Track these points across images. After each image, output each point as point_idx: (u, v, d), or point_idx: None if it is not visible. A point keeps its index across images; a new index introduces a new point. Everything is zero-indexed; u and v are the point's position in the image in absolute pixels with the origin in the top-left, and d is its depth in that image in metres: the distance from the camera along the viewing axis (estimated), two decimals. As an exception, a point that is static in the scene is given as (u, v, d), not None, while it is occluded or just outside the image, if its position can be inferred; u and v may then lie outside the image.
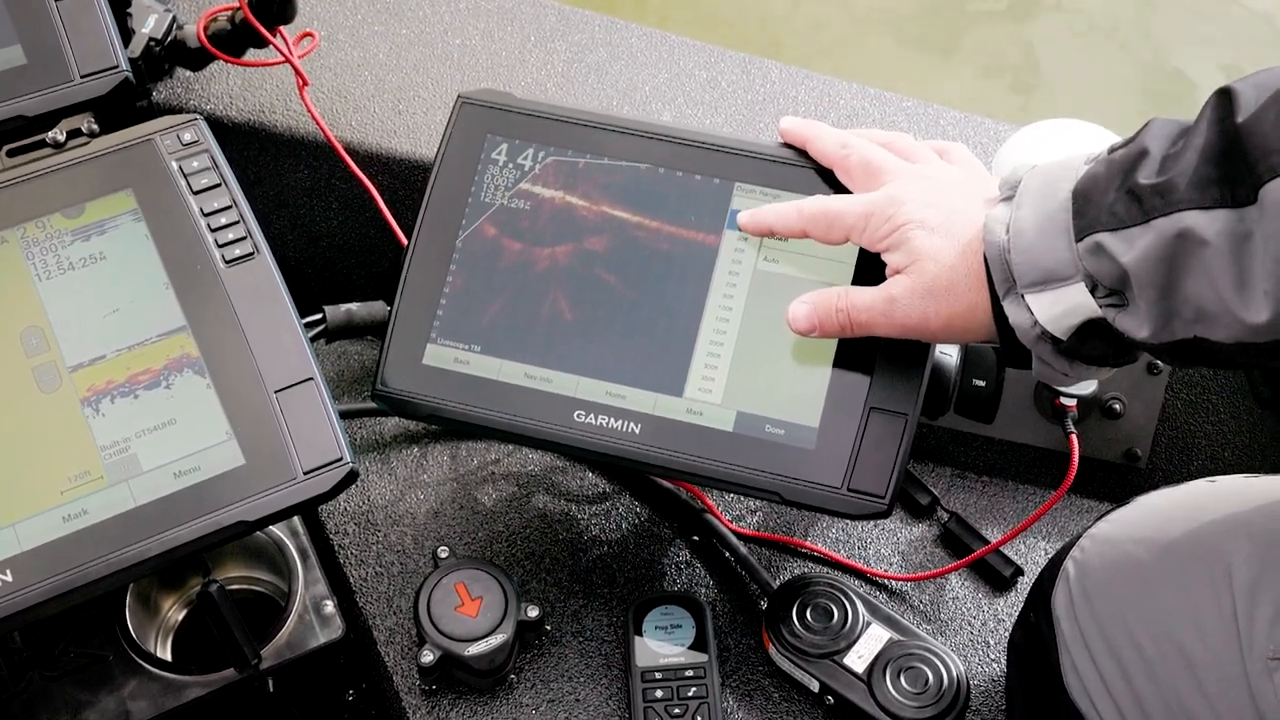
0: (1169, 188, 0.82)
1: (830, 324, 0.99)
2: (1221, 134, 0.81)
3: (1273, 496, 0.96)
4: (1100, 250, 0.85)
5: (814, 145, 1.06)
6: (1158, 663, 0.93)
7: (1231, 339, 0.82)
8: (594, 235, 1.08)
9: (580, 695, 1.11)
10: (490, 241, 1.08)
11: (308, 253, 1.41)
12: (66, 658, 1.10)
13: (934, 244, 0.95)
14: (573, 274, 1.07)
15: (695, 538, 1.20)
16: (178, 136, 1.04)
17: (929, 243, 0.95)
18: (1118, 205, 0.85)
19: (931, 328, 0.95)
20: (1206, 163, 0.81)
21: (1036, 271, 0.89)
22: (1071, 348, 0.91)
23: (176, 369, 0.97)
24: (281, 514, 0.95)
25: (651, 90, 1.42)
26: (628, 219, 1.08)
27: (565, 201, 1.09)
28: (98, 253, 0.99)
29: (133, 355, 0.97)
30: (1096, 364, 0.93)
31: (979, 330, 0.94)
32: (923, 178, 0.99)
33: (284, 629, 1.13)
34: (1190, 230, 0.81)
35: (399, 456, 1.25)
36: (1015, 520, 1.25)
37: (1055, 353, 0.91)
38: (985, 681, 1.14)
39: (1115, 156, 0.87)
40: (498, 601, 1.09)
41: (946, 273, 0.94)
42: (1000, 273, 0.91)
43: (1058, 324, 0.90)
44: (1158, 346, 0.86)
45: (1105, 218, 0.85)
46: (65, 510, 0.93)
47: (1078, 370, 0.93)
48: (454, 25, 1.45)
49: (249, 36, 1.29)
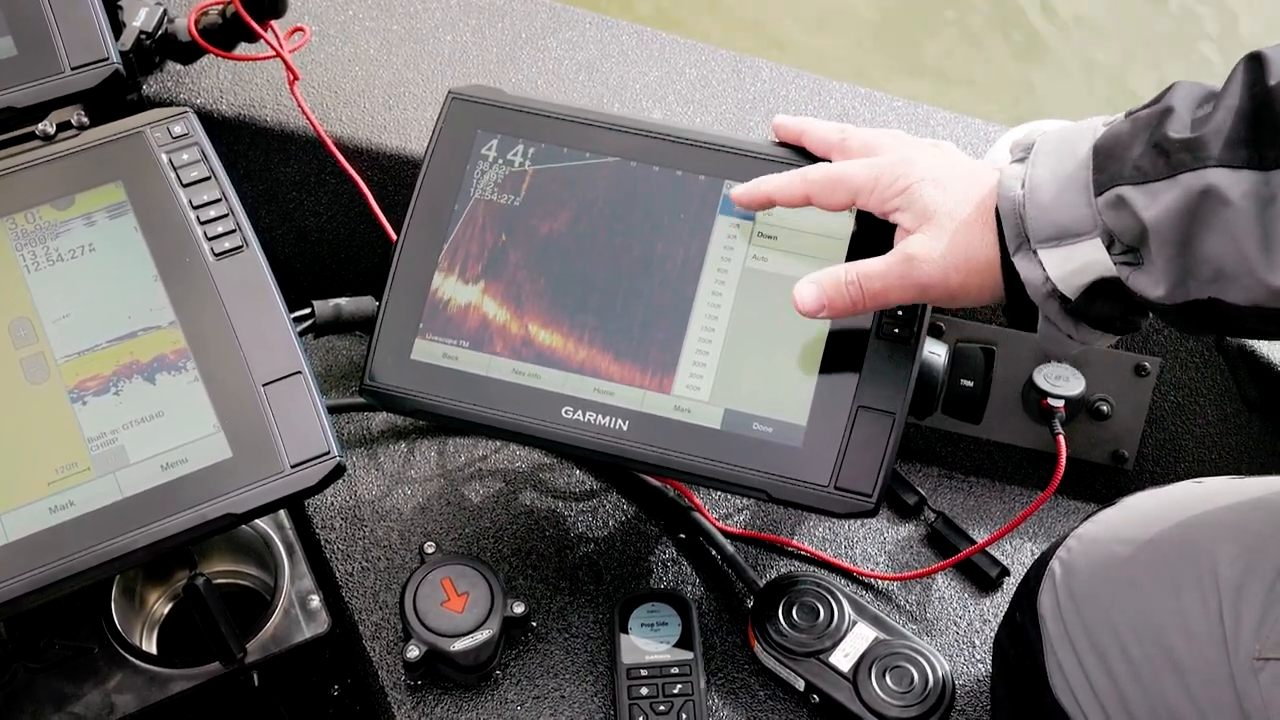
0: (1199, 144, 0.82)
1: (841, 299, 0.97)
2: (1253, 97, 0.81)
3: (1259, 498, 0.96)
4: (1121, 203, 0.85)
5: (809, 135, 1.05)
6: (1143, 663, 0.93)
7: (1249, 301, 0.82)
8: (583, 232, 1.08)
9: (566, 692, 1.11)
10: (479, 237, 1.08)
11: (297, 247, 1.41)
12: (52, 650, 1.10)
13: (948, 200, 0.94)
14: (561, 270, 1.07)
15: (682, 535, 1.21)
16: (168, 129, 1.03)
17: (942, 198, 0.94)
18: (1143, 159, 0.85)
19: (950, 286, 0.94)
20: (1240, 122, 0.81)
21: (1051, 227, 0.88)
22: (1080, 307, 0.90)
23: (165, 361, 0.97)
24: (268, 507, 0.95)
25: (642, 88, 1.42)
26: (617, 216, 1.08)
27: (554, 198, 1.09)
28: (87, 244, 0.99)
29: (121, 347, 0.97)
30: (1103, 328, 0.92)
31: (990, 288, 0.94)
32: (927, 148, 0.99)
33: (270, 623, 1.13)
34: (1215, 188, 0.81)
35: (386, 452, 1.25)
36: (1002, 520, 1.26)
37: (1063, 312, 0.91)
38: (970, 681, 1.14)
39: (1140, 115, 0.87)
40: (484, 597, 1.09)
41: (963, 228, 0.93)
42: (1013, 228, 0.90)
43: (1069, 281, 0.89)
44: (1169, 307, 0.86)
45: (1129, 171, 0.85)
46: (52, 501, 0.93)
47: (1083, 333, 0.92)
48: (445, 21, 1.45)
49: (240, 30, 1.29)
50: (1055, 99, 2.65)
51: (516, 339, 1.06)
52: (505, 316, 1.07)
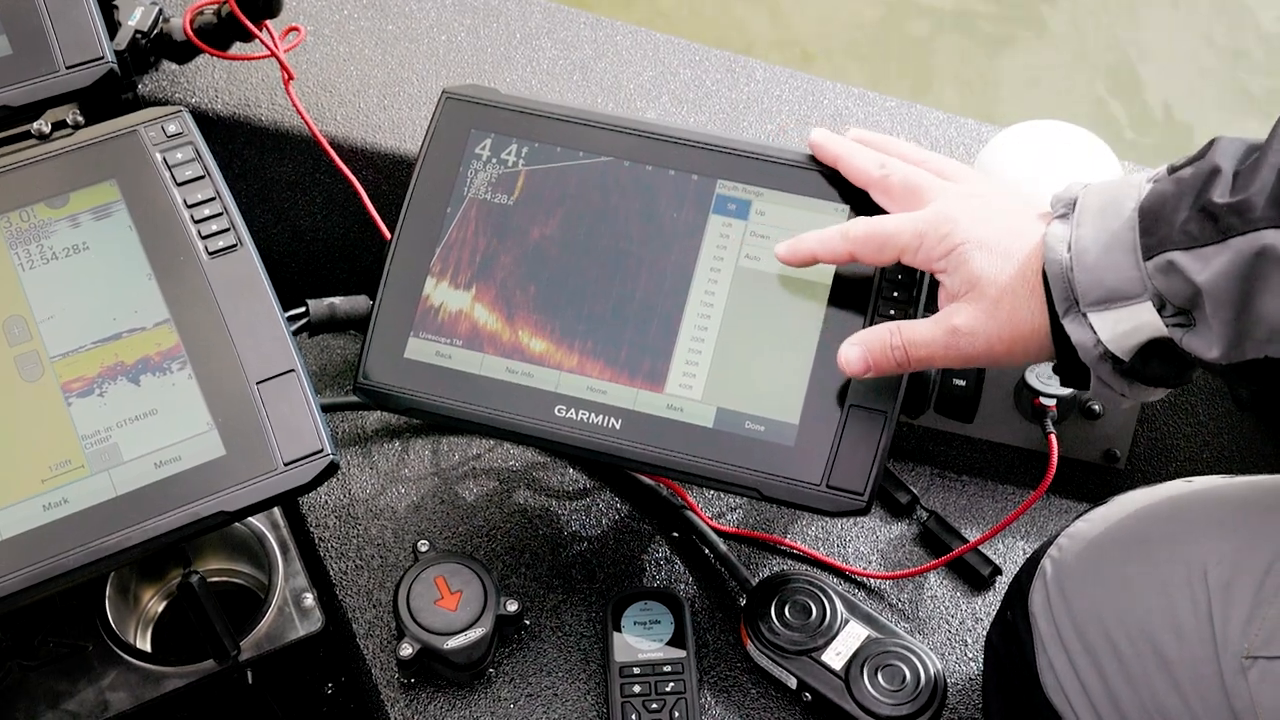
0: (1247, 206, 0.81)
1: (887, 362, 0.98)
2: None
3: (1249, 497, 0.96)
4: (1172, 269, 0.84)
5: (847, 164, 1.04)
6: (1133, 661, 0.93)
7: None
8: (576, 231, 1.08)
9: (559, 690, 1.12)
10: (473, 236, 1.09)
11: (292, 246, 1.41)
12: (46, 648, 1.10)
13: (993, 264, 0.93)
14: (555, 269, 1.07)
15: (675, 534, 1.21)
16: (162, 128, 1.04)
17: (988, 263, 0.93)
18: (1191, 224, 0.83)
19: (996, 354, 0.93)
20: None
21: (1101, 290, 0.87)
22: (1134, 368, 0.89)
23: (158, 360, 0.97)
24: (262, 505, 0.96)
25: (636, 88, 1.42)
26: (610, 215, 1.08)
27: (548, 197, 1.09)
28: (81, 243, 1.00)
29: (115, 345, 0.98)
30: (1157, 384, 0.91)
31: (1039, 351, 0.93)
32: (969, 195, 0.97)
33: (264, 621, 1.13)
34: (1271, 249, 0.79)
35: (380, 450, 1.25)
36: (994, 519, 1.26)
37: (1115, 373, 0.90)
38: (962, 680, 1.15)
39: (1184, 175, 0.86)
40: (477, 596, 1.09)
41: (1008, 295, 0.92)
42: (1061, 291, 0.89)
43: (1120, 343, 0.88)
44: (1226, 366, 0.85)
45: (1178, 236, 0.84)
46: (46, 499, 0.93)
47: (1136, 391, 0.91)
48: (440, 21, 1.46)
49: (235, 30, 1.29)
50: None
51: (509, 337, 1.06)
52: (498, 315, 1.07)
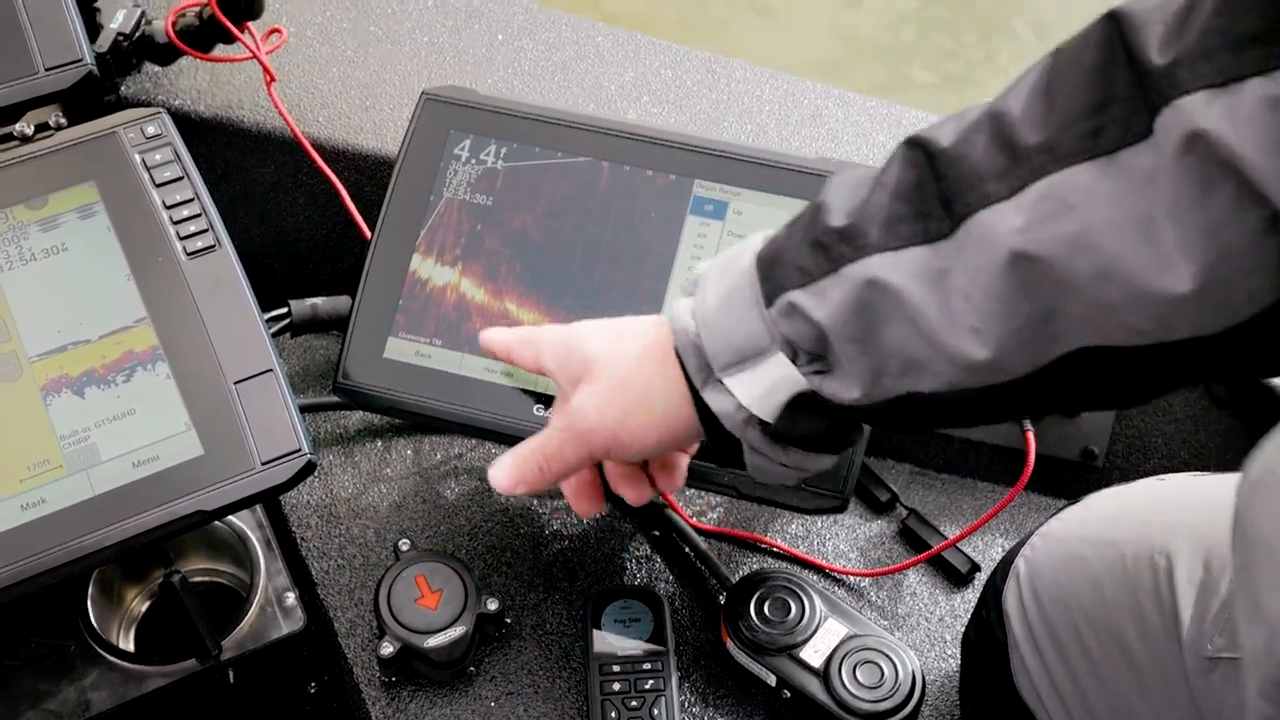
0: (856, 231, 0.79)
1: (530, 471, 0.95)
2: (915, 167, 0.77)
3: (1218, 495, 0.95)
4: (794, 310, 0.81)
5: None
6: (1102, 661, 0.94)
7: (945, 385, 0.78)
8: (555, 230, 1.09)
9: (539, 687, 1.12)
10: (452, 235, 1.09)
11: (274, 247, 1.41)
12: (28, 647, 1.11)
13: (608, 346, 0.92)
14: (534, 269, 1.08)
15: (656, 533, 1.21)
16: (141, 129, 1.04)
17: (602, 345, 0.92)
18: (803, 258, 0.81)
19: (628, 438, 0.91)
20: (896, 199, 0.78)
21: (731, 350, 0.84)
22: (782, 428, 0.86)
23: (137, 360, 0.98)
24: (240, 504, 0.96)
25: (617, 89, 1.43)
26: (589, 215, 1.09)
27: (527, 197, 1.10)
28: (60, 244, 1.00)
29: (93, 346, 0.98)
30: (813, 447, 0.88)
31: (684, 432, 0.90)
32: None
33: (245, 620, 1.14)
34: (879, 278, 0.77)
35: (362, 450, 1.26)
36: (973, 517, 1.26)
37: (765, 438, 0.86)
38: (941, 676, 1.15)
39: (797, 216, 0.84)
40: (458, 594, 1.10)
41: (636, 377, 0.90)
42: (695, 361, 0.86)
43: (763, 404, 0.85)
44: (871, 408, 0.82)
45: (792, 275, 0.81)
46: (24, 499, 0.94)
47: (794, 457, 0.88)
48: (422, 23, 1.46)
49: (217, 32, 1.30)
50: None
51: None
52: (478, 315, 1.08)
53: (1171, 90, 0.66)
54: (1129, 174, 0.69)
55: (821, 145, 1.39)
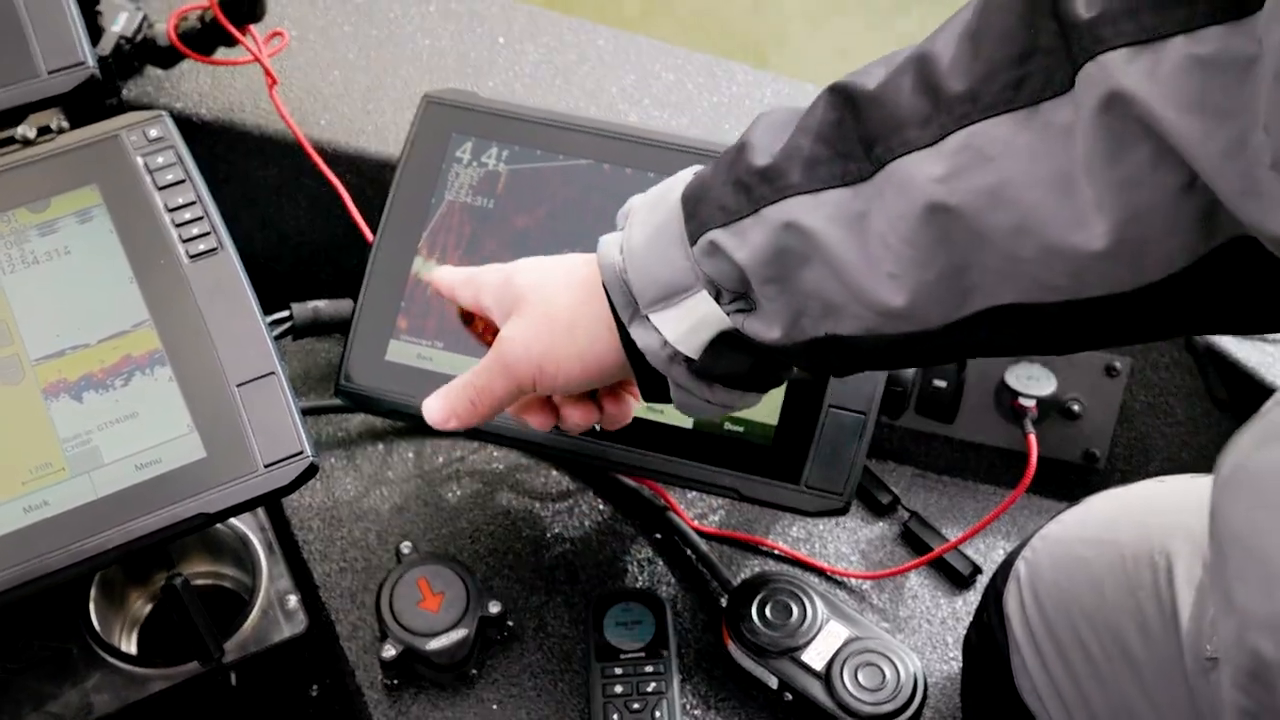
0: (776, 172, 0.78)
1: (462, 404, 0.95)
2: (836, 109, 0.77)
3: None
4: (716, 250, 0.81)
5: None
6: (1103, 662, 0.94)
7: (864, 330, 0.78)
8: (556, 233, 1.09)
9: (541, 690, 1.12)
10: (454, 238, 1.09)
11: (276, 250, 1.42)
12: (30, 650, 1.11)
13: (538, 280, 0.92)
14: (535, 272, 1.08)
15: (657, 535, 1.21)
16: (143, 132, 1.04)
17: (532, 279, 0.92)
18: (726, 197, 0.80)
19: (553, 369, 0.91)
20: (818, 141, 0.77)
21: (657, 287, 0.84)
22: (706, 365, 0.85)
23: (139, 362, 0.98)
24: (242, 506, 0.96)
25: (619, 92, 1.43)
26: (591, 217, 1.09)
27: (529, 200, 1.10)
28: (62, 247, 1.00)
29: (96, 349, 0.98)
30: (737, 385, 0.88)
31: (610, 366, 0.90)
32: None
33: (248, 623, 1.14)
34: (797, 220, 0.76)
35: (364, 453, 1.26)
36: (975, 519, 1.26)
37: (690, 374, 0.86)
38: (942, 679, 1.15)
39: (723, 154, 0.83)
40: (459, 597, 1.10)
41: (563, 311, 0.90)
42: (621, 296, 0.86)
43: (688, 341, 0.85)
44: (792, 348, 0.82)
45: (714, 214, 0.81)
46: (26, 501, 0.93)
47: (719, 394, 0.88)
48: (424, 26, 1.46)
49: (219, 35, 1.30)
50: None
51: (490, 340, 1.07)
52: (479, 318, 1.07)
53: (1094, 45, 0.65)
54: (1048, 128, 0.68)
55: (822, 148, 1.39)
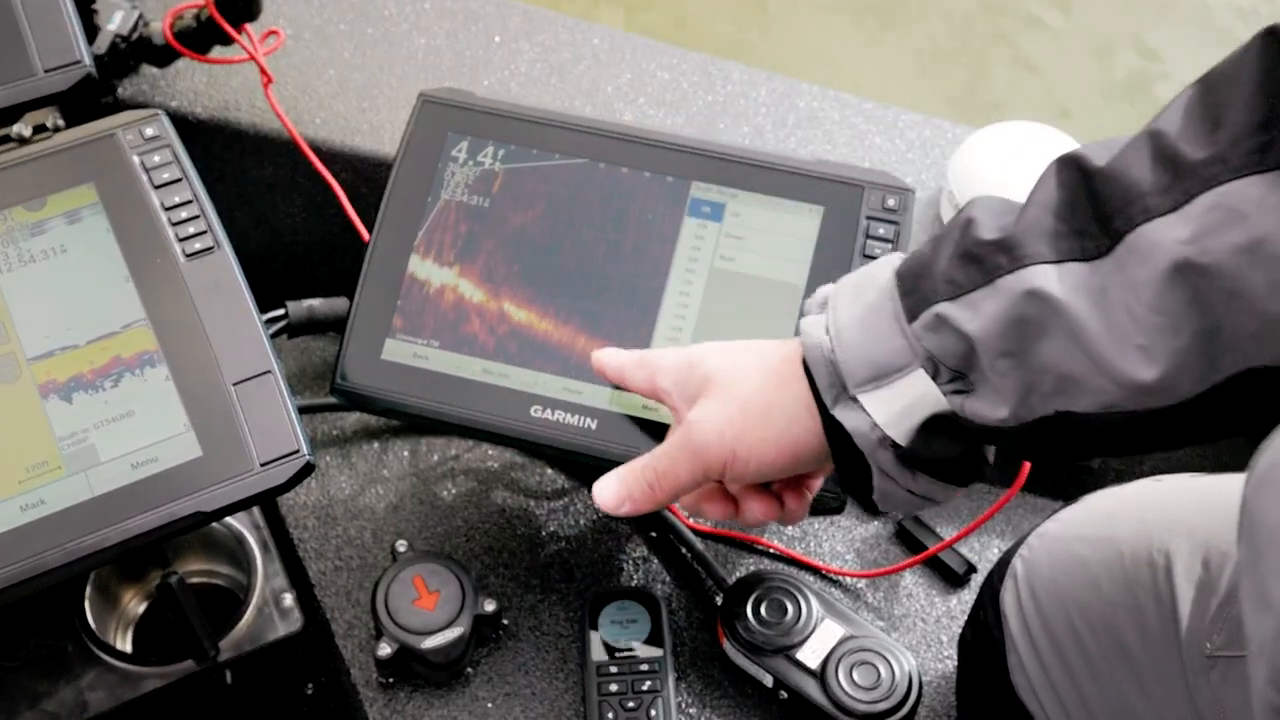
0: (1012, 243, 0.77)
1: (639, 488, 0.94)
2: (1068, 187, 0.77)
3: (1215, 495, 0.96)
4: (942, 323, 0.79)
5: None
6: (1100, 661, 0.94)
7: (1100, 406, 0.75)
8: (552, 232, 1.09)
9: (536, 688, 1.12)
10: (449, 237, 1.09)
11: (272, 249, 1.42)
12: (26, 648, 1.11)
13: (728, 363, 0.90)
14: (531, 270, 1.08)
15: (653, 534, 1.21)
16: (140, 131, 1.04)
17: (722, 362, 0.90)
18: (953, 271, 0.79)
19: (745, 454, 0.88)
20: (1052, 216, 0.76)
21: (868, 366, 0.82)
22: (915, 450, 0.83)
23: (136, 361, 0.98)
24: (238, 505, 0.96)
25: (614, 91, 1.43)
26: (586, 217, 1.09)
27: (524, 199, 1.10)
28: (59, 245, 1.00)
29: (92, 347, 0.98)
30: (943, 475, 0.85)
31: (806, 452, 0.87)
32: None
33: (243, 622, 1.14)
34: (1040, 288, 0.75)
35: (359, 451, 1.26)
36: (970, 518, 1.26)
37: (896, 461, 0.84)
38: (937, 677, 1.15)
39: (940, 233, 0.82)
40: (455, 595, 1.10)
41: (758, 394, 0.87)
42: (827, 378, 0.84)
43: (899, 424, 0.82)
44: (1016, 429, 0.79)
45: (941, 287, 0.79)
46: (23, 500, 0.94)
47: (921, 484, 0.85)
48: (419, 25, 1.46)
49: (215, 34, 1.30)
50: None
51: (486, 339, 1.07)
52: (475, 317, 1.08)
53: None
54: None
55: (818, 147, 1.39)
